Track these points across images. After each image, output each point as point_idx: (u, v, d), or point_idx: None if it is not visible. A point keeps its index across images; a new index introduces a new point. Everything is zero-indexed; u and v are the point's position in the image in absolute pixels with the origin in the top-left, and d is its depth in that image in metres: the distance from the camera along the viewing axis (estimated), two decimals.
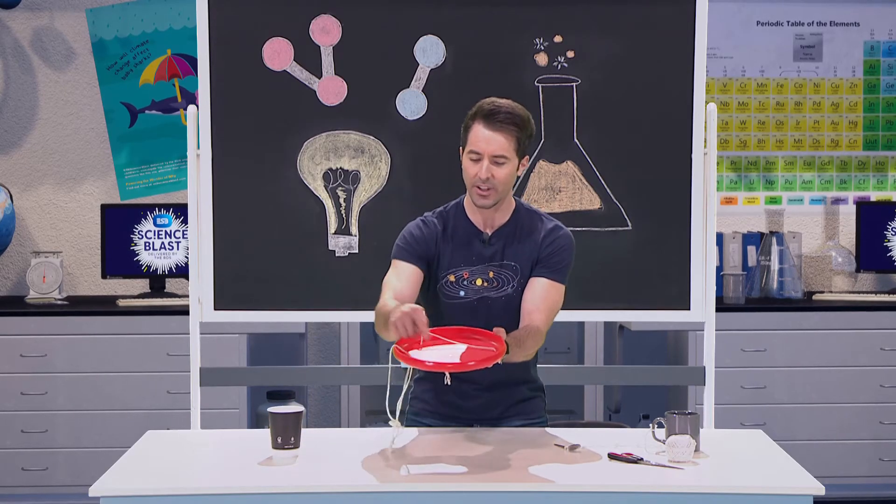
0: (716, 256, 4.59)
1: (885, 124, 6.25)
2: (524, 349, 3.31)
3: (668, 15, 4.22)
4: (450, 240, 3.49)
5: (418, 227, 3.53)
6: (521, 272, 3.47)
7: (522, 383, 3.58)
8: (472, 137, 3.41)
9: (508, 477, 3.10)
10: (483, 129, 3.39)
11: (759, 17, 6.19)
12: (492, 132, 3.38)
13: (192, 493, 3.05)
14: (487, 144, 3.38)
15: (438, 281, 3.50)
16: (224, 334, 5.41)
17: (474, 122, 3.41)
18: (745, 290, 5.90)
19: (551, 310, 3.45)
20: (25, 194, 6.10)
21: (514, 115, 3.40)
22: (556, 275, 3.48)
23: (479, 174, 3.39)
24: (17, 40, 6.07)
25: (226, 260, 4.24)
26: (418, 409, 3.59)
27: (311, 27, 4.23)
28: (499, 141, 3.38)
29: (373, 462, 3.24)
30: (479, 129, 3.39)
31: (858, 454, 5.68)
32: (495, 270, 3.48)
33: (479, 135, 3.39)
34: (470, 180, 3.43)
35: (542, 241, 3.49)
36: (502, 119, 3.38)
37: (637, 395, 5.88)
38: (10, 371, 5.54)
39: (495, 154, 3.38)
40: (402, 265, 3.48)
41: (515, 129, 3.39)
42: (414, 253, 3.48)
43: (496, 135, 3.38)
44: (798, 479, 3.10)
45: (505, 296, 3.47)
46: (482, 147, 3.38)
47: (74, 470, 5.51)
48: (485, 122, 3.39)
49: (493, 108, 3.39)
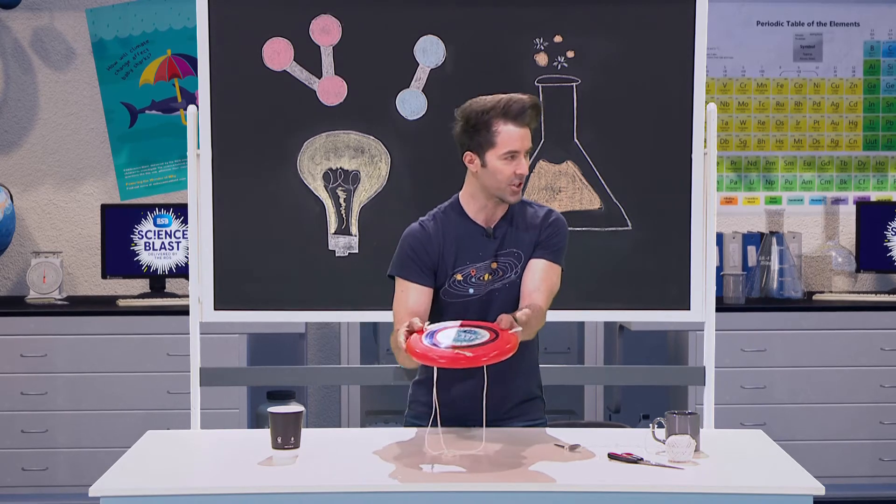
0: (716, 256, 4.59)
1: (885, 124, 6.24)
2: (528, 329, 3.31)
3: (668, 15, 4.22)
4: (453, 242, 3.48)
5: (416, 236, 3.50)
6: (524, 258, 3.49)
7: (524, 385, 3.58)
8: (504, 138, 3.40)
9: (508, 477, 3.10)
10: (515, 128, 3.40)
11: (759, 17, 6.19)
12: (523, 128, 3.41)
13: (192, 493, 3.05)
14: (523, 142, 3.41)
15: (445, 283, 3.49)
16: (224, 334, 5.41)
17: (500, 121, 3.40)
18: (745, 290, 5.90)
19: (551, 291, 3.47)
20: (25, 194, 6.10)
21: (538, 107, 3.45)
22: (554, 256, 3.50)
23: (520, 170, 3.41)
24: (17, 40, 6.07)
25: (226, 260, 4.24)
26: (418, 412, 3.59)
27: (311, 27, 4.23)
28: (528, 136, 3.43)
29: (373, 462, 3.24)
30: (510, 128, 3.40)
31: (858, 454, 5.68)
32: (499, 261, 3.48)
33: (514, 134, 3.40)
34: (506, 179, 3.42)
35: (540, 224, 3.51)
36: (531, 115, 3.42)
37: (637, 395, 5.88)
38: (10, 371, 5.54)
39: (528, 149, 3.44)
40: (411, 287, 3.46)
41: (535, 122, 3.46)
42: (420, 268, 3.46)
43: (525, 130, 3.42)
44: (798, 479, 3.10)
45: (509, 282, 3.48)
46: (519, 145, 3.41)
47: (74, 470, 5.51)
48: (515, 121, 3.40)
49: (520, 106, 3.40)
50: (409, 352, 3.16)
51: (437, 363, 3.14)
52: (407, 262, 3.48)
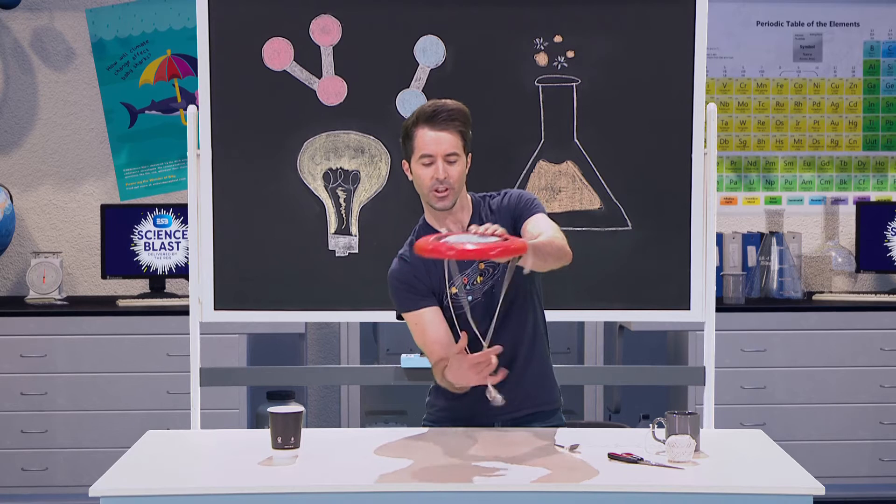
0: (716, 256, 4.59)
1: (885, 124, 6.25)
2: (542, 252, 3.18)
3: (668, 15, 4.22)
4: (435, 261, 3.43)
5: (402, 271, 3.47)
6: None
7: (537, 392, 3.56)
8: (419, 143, 3.40)
9: (508, 477, 3.10)
10: (429, 132, 3.39)
11: (759, 17, 6.19)
12: (439, 132, 3.38)
13: (192, 493, 3.05)
14: (438, 145, 3.38)
15: (443, 300, 3.48)
16: (224, 334, 5.41)
17: (417, 127, 3.40)
18: (745, 291, 5.90)
19: (555, 229, 3.38)
20: (25, 194, 6.10)
21: (457, 111, 3.41)
22: (539, 209, 3.45)
23: (437, 175, 3.38)
24: (17, 40, 6.07)
25: (226, 260, 4.24)
26: (437, 417, 3.59)
27: (311, 27, 4.23)
28: (448, 139, 3.39)
29: (373, 462, 3.24)
30: (424, 132, 3.39)
31: (858, 454, 5.68)
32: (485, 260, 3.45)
33: (427, 137, 3.38)
34: (426, 185, 3.41)
35: (507, 206, 3.46)
36: (445, 117, 3.39)
37: (637, 395, 5.88)
38: (10, 371, 5.54)
39: (447, 153, 3.39)
40: (422, 314, 3.45)
41: (460, 124, 3.41)
42: (418, 295, 3.45)
43: (444, 134, 3.38)
44: (798, 479, 3.10)
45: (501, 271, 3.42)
46: (433, 149, 3.38)
47: (74, 470, 5.51)
48: (429, 124, 3.39)
49: (434, 109, 3.39)
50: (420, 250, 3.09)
51: (446, 255, 3.08)
52: (403, 295, 3.48)
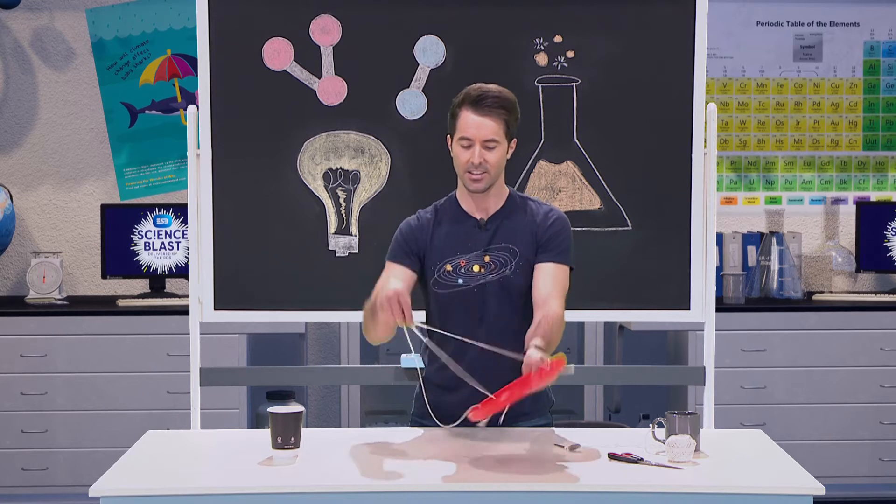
0: (716, 256, 4.59)
1: (885, 124, 6.25)
2: (551, 343, 3.29)
3: (668, 15, 4.22)
4: (443, 229, 3.51)
5: (409, 224, 3.57)
6: (520, 254, 3.48)
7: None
8: (461, 124, 3.43)
9: (508, 477, 3.10)
10: (472, 115, 3.41)
11: (759, 17, 6.19)
12: (481, 117, 3.41)
13: (192, 493, 3.05)
14: (478, 130, 3.41)
15: (434, 273, 3.50)
16: (224, 334, 5.41)
17: (462, 108, 3.44)
18: (745, 290, 5.90)
19: (563, 293, 3.46)
20: (25, 194, 6.10)
21: (502, 98, 3.43)
22: (560, 257, 3.49)
23: (472, 160, 3.42)
24: (17, 40, 6.07)
25: (226, 260, 4.24)
26: (424, 412, 3.59)
27: (311, 27, 4.23)
28: (489, 126, 3.41)
29: (373, 462, 3.24)
30: (467, 115, 3.42)
31: (858, 454, 5.68)
32: (491, 254, 3.48)
33: (469, 121, 3.42)
34: (462, 166, 3.45)
35: (539, 225, 3.50)
36: (490, 104, 3.41)
37: (637, 395, 5.88)
38: (10, 371, 5.54)
39: (486, 139, 3.42)
40: (395, 268, 3.51)
41: (504, 112, 3.43)
42: (405, 252, 3.51)
43: (486, 119, 3.41)
44: (798, 479, 3.10)
45: (503, 277, 3.47)
46: (472, 133, 3.41)
47: (74, 470, 5.51)
48: (473, 108, 3.42)
49: (480, 93, 3.42)
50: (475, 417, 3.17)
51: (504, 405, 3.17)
52: (395, 244, 3.55)
